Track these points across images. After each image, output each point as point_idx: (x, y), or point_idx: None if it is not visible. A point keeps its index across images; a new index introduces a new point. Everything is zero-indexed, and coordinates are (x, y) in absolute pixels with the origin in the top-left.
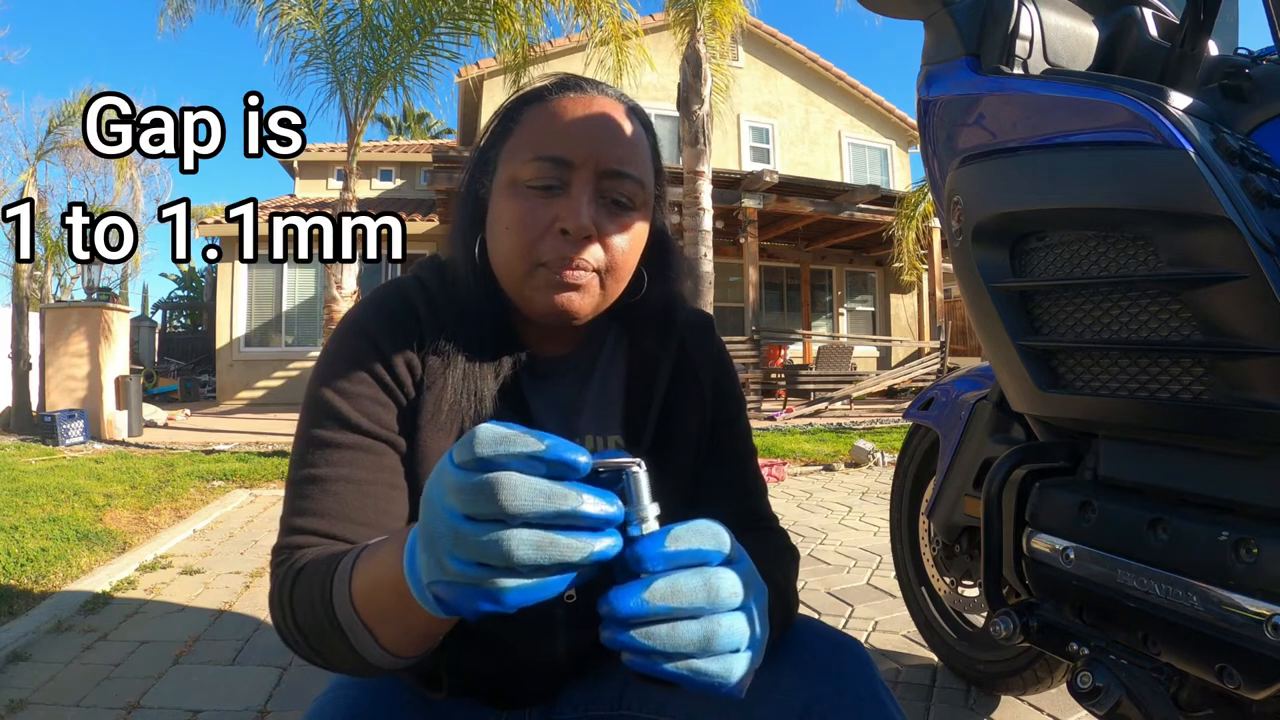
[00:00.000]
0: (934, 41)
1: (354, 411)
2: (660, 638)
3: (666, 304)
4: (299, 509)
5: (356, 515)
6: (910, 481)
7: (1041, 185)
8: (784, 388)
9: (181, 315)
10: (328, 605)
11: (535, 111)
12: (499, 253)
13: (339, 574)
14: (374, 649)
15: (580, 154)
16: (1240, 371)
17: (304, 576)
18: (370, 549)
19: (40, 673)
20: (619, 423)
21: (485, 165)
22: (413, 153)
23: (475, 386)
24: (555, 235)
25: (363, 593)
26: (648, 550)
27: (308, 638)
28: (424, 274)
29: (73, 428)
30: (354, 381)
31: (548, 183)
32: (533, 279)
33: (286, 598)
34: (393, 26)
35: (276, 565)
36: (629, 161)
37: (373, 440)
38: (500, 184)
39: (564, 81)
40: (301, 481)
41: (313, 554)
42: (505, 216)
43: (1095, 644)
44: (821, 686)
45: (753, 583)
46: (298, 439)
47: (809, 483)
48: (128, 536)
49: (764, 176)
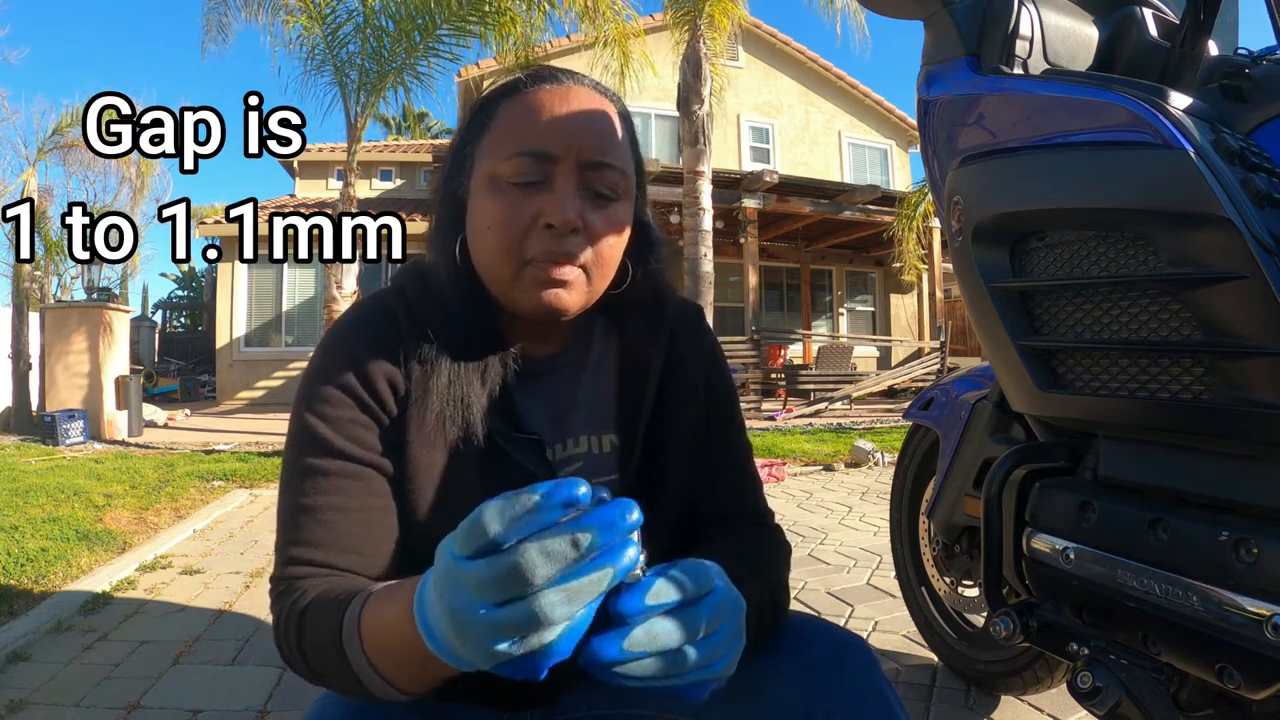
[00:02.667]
0: (934, 41)
1: (337, 437)
2: (635, 672)
3: (654, 294)
4: (293, 539)
5: (349, 544)
6: (910, 481)
7: (1041, 185)
8: (784, 388)
9: (181, 315)
10: (340, 655)
11: (511, 105)
12: (482, 252)
13: (346, 631)
14: (392, 692)
15: (561, 146)
16: (1240, 371)
17: (309, 621)
18: (376, 608)
19: (40, 673)
20: (612, 421)
21: (461, 164)
22: (413, 153)
23: (461, 393)
24: (540, 231)
25: (377, 650)
26: (629, 606)
27: (323, 677)
28: (405, 282)
29: (73, 428)
30: (335, 405)
31: (529, 178)
32: (519, 278)
33: (294, 640)
34: (395, 27)
35: (277, 596)
36: (610, 151)
37: (358, 465)
38: (479, 181)
39: (538, 73)
40: (293, 511)
41: (314, 593)
42: (487, 215)
43: (1095, 644)
44: (826, 685)
45: (725, 610)
46: (286, 463)
47: (809, 483)
48: (128, 536)
49: (764, 176)
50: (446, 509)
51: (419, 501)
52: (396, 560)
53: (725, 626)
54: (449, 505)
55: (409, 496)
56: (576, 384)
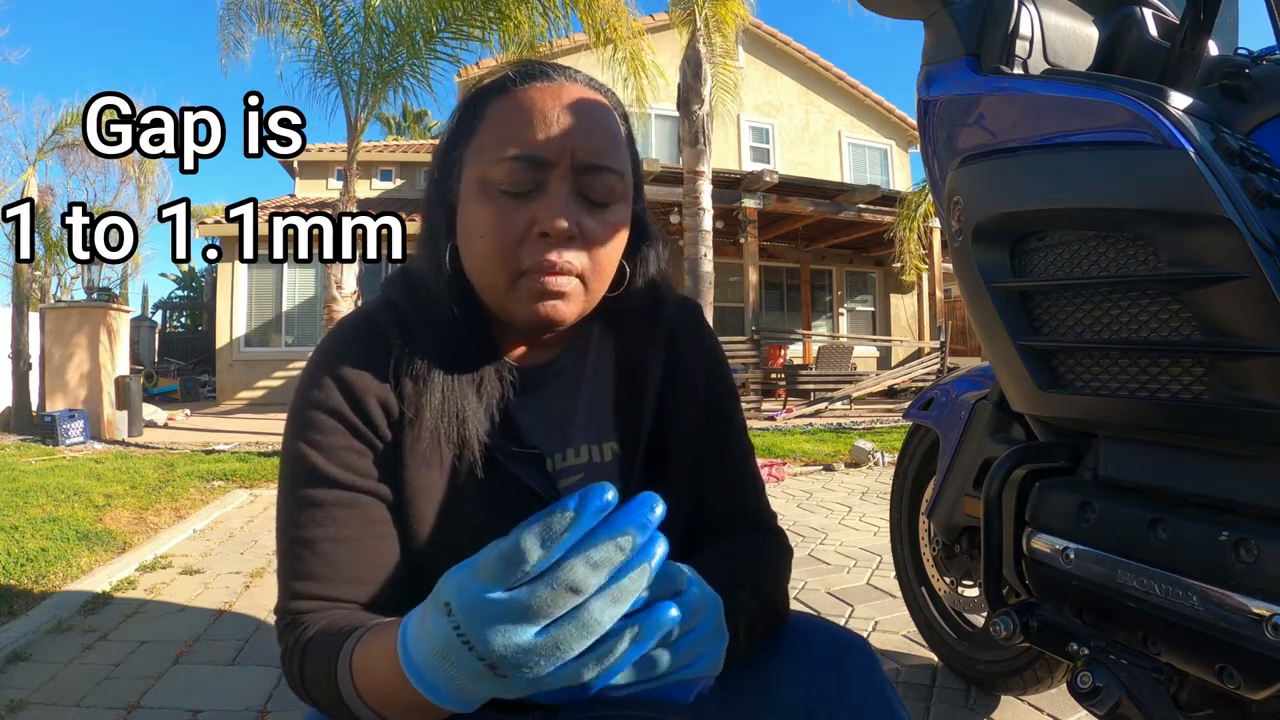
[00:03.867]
0: (934, 41)
1: (331, 465)
2: (620, 687)
3: (652, 294)
4: (294, 572)
5: (349, 574)
6: (910, 481)
7: (1041, 185)
8: (784, 388)
9: (181, 315)
10: (336, 692)
11: (501, 104)
12: (475, 261)
13: (340, 671)
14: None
15: (555, 150)
16: (1240, 371)
17: (310, 657)
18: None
19: (40, 673)
20: (612, 427)
21: (450, 167)
22: (413, 153)
23: (457, 409)
24: (534, 239)
25: (369, 690)
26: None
27: (328, 711)
28: (394, 293)
29: (73, 428)
30: (326, 432)
31: (522, 184)
32: (514, 289)
33: (298, 674)
34: (396, 28)
35: (283, 630)
36: (607, 153)
37: (354, 494)
38: (470, 186)
39: (528, 70)
40: (292, 544)
41: (316, 628)
42: (479, 222)
43: (1095, 644)
44: (827, 685)
45: (701, 608)
46: (281, 493)
47: (809, 483)
48: (128, 536)
49: (764, 176)
50: (446, 530)
51: (418, 523)
52: (400, 584)
53: (703, 624)
54: (449, 526)
55: (408, 519)
56: (575, 391)
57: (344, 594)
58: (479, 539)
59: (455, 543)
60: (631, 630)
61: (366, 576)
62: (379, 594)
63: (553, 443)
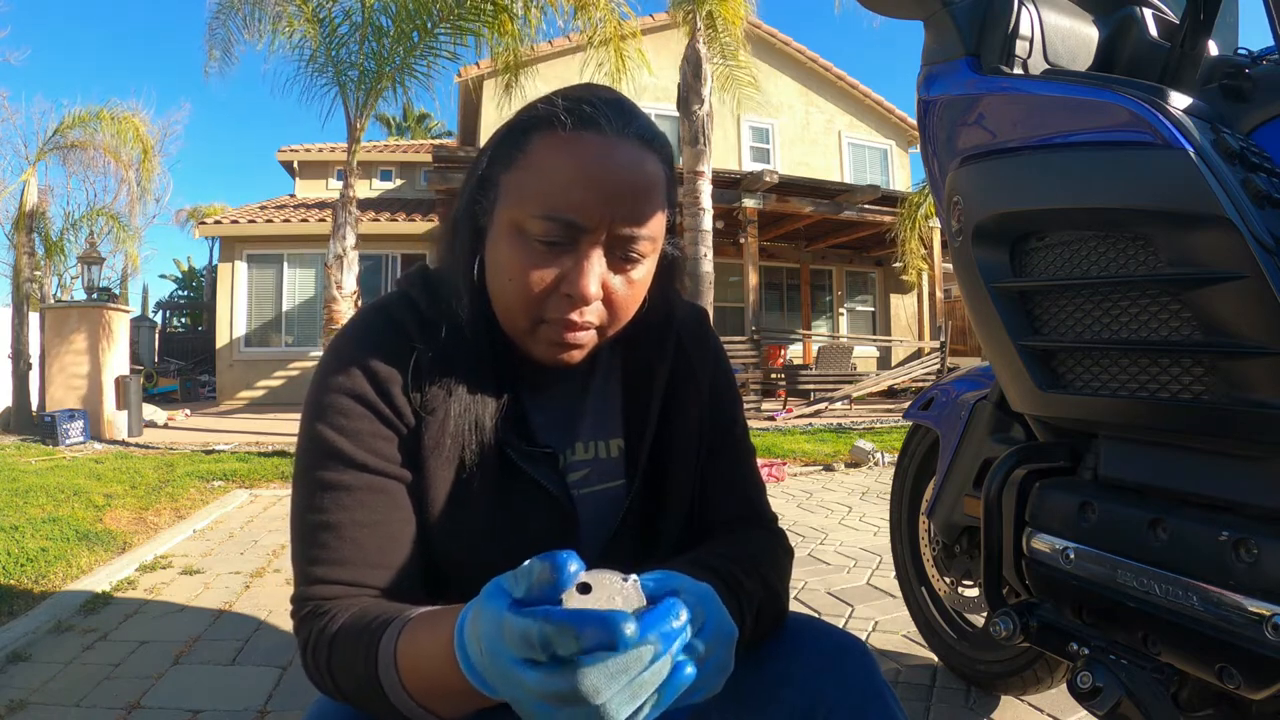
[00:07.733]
0: (934, 41)
1: (358, 449)
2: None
3: (664, 307)
4: (314, 557)
5: (374, 559)
6: (910, 481)
7: (1041, 185)
8: (784, 388)
9: (181, 315)
10: (374, 682)
11: (547, 146)
12: (499, 298)
13: (382, 661)
14: (429, 717)
15: (594, 219)
16: (1240, 371)
17: (340, 646)
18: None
19: (40, 673)
20: (619, 426)
21: (484, 187)
22: (413, 153)
23: (475, 408)
24: (560, 296)
25: (415, 680)
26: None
27: (354, 700)
28: (413, 290)
29: (73, 428)
30: (351, 417)
31: (556, 240)
32: (534, 333)
33: (324, 664)
34: (393, 27)
35: (304, 618)
36: (644, 221)
37: (381, 478)
38: (502, 225)
39: (581, 112)
40: (313, 527)
41: (345, 617)
42: (508, 265)
43: (1095, 644)
44: (825, 686)
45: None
46: (300, 479)
47: (809, 483)
48: (128, 536)
49: (764, 176)
50: (461, 523)
51: (433, 515)
52: (417, 571)
53: (716, 655)
54: (464, 519)
55: (424, 510)
56: (584, 392)
57: (366, 579)
58: (492, 533)
59: (469, 536)
60: (651, 699)
61: (388, 562)
62: (398, 580)
63: (561, 440)
